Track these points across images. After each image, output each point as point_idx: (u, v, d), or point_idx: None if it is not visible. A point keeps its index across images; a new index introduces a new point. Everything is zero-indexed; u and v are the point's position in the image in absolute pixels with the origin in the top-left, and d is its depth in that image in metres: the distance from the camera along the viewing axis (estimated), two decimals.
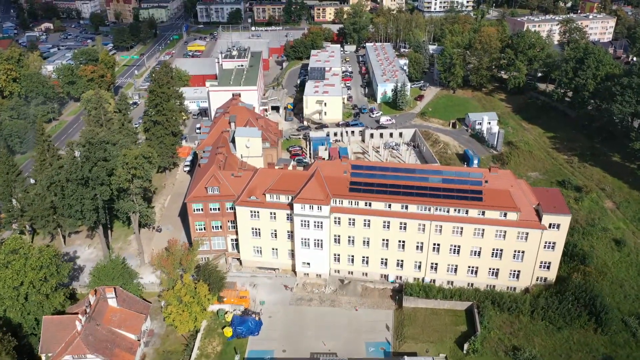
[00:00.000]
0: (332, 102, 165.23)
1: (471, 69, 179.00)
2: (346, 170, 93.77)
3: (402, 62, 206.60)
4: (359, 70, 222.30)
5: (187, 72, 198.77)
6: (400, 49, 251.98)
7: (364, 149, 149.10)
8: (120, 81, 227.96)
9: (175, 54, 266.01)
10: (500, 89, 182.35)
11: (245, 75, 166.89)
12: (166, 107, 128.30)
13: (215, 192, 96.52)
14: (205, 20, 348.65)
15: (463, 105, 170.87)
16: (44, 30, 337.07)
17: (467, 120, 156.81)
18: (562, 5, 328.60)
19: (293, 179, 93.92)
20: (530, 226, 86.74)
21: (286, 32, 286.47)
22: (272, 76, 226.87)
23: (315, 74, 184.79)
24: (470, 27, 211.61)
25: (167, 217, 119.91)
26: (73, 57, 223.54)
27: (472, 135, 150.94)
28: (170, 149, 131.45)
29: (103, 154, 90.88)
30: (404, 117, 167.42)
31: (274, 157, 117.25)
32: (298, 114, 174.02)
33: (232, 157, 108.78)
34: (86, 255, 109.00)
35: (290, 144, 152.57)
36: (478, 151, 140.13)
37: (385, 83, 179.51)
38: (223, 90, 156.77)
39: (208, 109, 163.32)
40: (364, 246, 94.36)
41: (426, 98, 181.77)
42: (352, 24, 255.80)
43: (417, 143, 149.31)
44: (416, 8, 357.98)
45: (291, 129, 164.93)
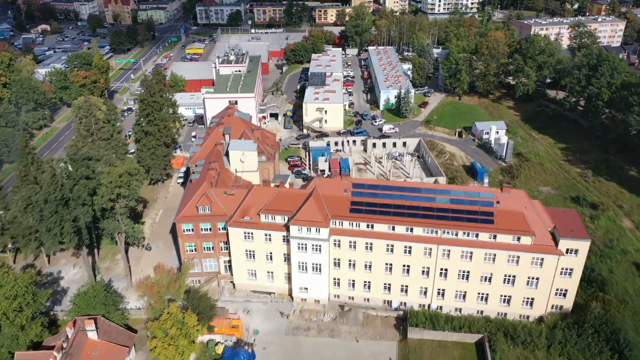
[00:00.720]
0: (332, 110, 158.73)
1: (477, 75, 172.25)
2: (347, 189, 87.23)
3: (406, 67, 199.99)
4: (361, 75, 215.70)
5: (183, 77, 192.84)
6: (404, 53, 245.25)
7: (366, 160, 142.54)
8: (115, 85, 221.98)
9: (173, 57, 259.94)
10: (508, 95, 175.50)
11: (242, 81, 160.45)
12: (158, 116, 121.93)
13: (207, 211, 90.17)
14: (204, 22, 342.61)
15: (469, 113, 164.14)
16: (41, 32, 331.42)
17: (473, 129, 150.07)
18: (569, 7, 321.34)
19: (290, 198, 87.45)
20: (546, 251, 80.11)
21: (287, 35, 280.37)
22: (272, 80, 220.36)
23: (316, 80, 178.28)
24: (477, 30, 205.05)
25: (158, 234, 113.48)
26: (67, 60, 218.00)
27: (480, 145, 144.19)
28: (162, 160, 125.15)
29: (85, 172, 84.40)
30: (408, 126, 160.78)
31: (270, 172, 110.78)
32: (298, 121, 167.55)
33: (225, 172, 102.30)
34: (71, 276, 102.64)
35: (289, 154, 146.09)
36: (486, 163, 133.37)
37: (388, 89, 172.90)
38: (219, 97, 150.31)
39: (204, 116, 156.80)
40: (365, 270, 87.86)
41: (431, 105, 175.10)
42: (354, 27, 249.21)
43: (422, 153, 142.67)
44: (419, 10, 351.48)
45: (290, 138, 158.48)
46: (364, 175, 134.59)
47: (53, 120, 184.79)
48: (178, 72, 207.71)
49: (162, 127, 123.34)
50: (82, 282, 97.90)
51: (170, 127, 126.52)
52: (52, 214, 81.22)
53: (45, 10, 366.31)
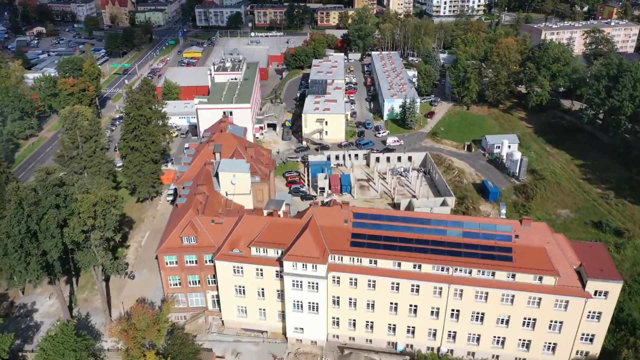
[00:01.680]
0: (334, 121, 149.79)
1: (487, 84, 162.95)
2: (347, 219, 78.31)
3: (411, 74, 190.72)
4: (364, 82, 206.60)
5: (178, 84, 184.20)
6: (408, 58, 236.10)
7: (368, 176, 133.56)
8: (108, 92, 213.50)
9: (169, 62, 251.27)
10: (519, 105, 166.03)
11: (238, 90, 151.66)
12: (145, 131, 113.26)
13: (192, 242, 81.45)
14: (204, 24, 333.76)
15: (478, 124, 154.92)
16: (36, 34, 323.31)
17: (484, 143, 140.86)
18: (579, 10, 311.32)
19: (284, 229, 78.58)
20: (572, 293, 71.07)
21: (287, 38, 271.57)
22: (271, 86, 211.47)
23: (316, 88, 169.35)
24: (485, 35, 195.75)
25: (144, 260, 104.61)
26: (57, 66, 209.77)
27: (490, 160, 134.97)
28: (150, 178, 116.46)
29: (55, 200, 75.60)
30: (413, 138, 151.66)
31: (264, 193, 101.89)
32: (297, 132, 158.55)
33: (215, 195, 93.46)
34: (46, 308, 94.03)
35: (287, 169, 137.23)
36: (498, 181, 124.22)
37: (392, 98, 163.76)
38: (212, 108, 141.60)
39: (197, 127, 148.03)
40: (368, 309, 78.93)
41: (437, 115, 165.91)
42: (357, 31, 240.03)
43: (429, 169, 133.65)
44: (424, 12, 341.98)
45: (289, 150, 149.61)
46: (366, 193, 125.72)
47: (41, 129, 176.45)
48: (173, 78, 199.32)
49: (150, 142, 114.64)
50: (58, 315, 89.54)
51: (159, 141, 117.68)
52: (17, 249, 72.44)
53: (41, 12, 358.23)
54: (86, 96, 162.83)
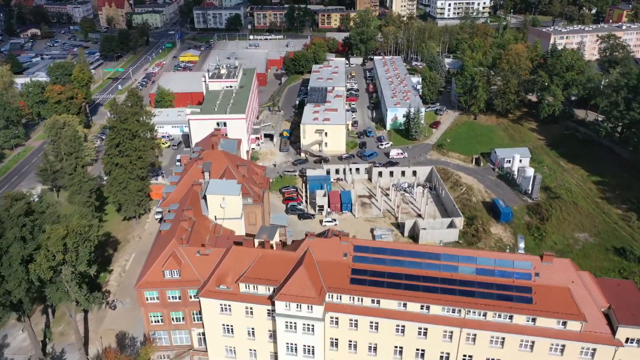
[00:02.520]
0: (334, 132, 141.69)
1: (495, 92, 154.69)
2: (347, 253, 70.28)
3: (415, 81, 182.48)
4: (366, 88, 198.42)
5: (171, 90, 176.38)
6: (412, 62, 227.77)
7: (370, 192, 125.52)
8: (101, 97, 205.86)
9: (165, 66, 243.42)
10: (530, 115, 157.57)
11: (233, 98, 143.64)
12: (130, 146, 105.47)
13: (175, 276, 73.41)
14: (202, 26, 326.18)
15: (486, 135, 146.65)
16: (30, 36, 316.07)
17: (493, 156, 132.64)
18: (587, 12, 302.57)
19: (276, 263, 70.56)
20: (600, 341, 62.94)
21: (287, 42, 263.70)
22: (270, 92, 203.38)
23: (316, 96, 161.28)
24: (493, 40, 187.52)
25: (127, 287, 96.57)
26: (48, 71, 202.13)
27: (500, 176, 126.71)
28: (136, 196, 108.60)
29: (20, 232, 67.68)
30: (418, 150, 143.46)
31: (257, 216, 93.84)
32: (295, 142, 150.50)
33: (202, 219, 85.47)
34: (18, 343, 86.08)
35: (284, 183, 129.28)
36: (509, 199, 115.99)
37: (395, 107, 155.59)
38: (205, 118, 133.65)
39: (189, 139, 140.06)
40: (370, 353, 70.84)
41: (443, 124, 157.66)
42: (359, 34, 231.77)
43: (434, 184, 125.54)
44: (428, 14, 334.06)
45: (286, 163, 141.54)
46: (368, 211, 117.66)
47: (29, 138, 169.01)
48: (167, 84, 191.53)
49: (136, 158, 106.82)
50: (30, 351, 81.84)
51: (146, 157, 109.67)
52: None
53: (37, 13, 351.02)
54: (74, 104, 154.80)
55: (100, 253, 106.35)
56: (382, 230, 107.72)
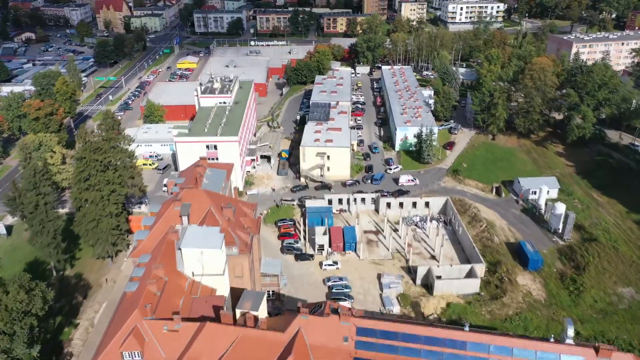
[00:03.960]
0: (337, 155, 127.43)
1: (517, 110, 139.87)
2: (348, 337, 56.18)
3: (426, 94, 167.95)
4: (373, 101, 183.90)
5: (161, 104, 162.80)
6: (423, 72, 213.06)
7: (377, 227, 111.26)
8: (90, 109, 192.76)
9: (160, 74, 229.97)
10: (555, 136, 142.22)
11: (226, 117, 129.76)
12: (102, 179, 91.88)
13: (137, 358, 59.53)
14: (202, 30, 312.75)
15: (507, 159, 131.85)
16: (25, 40, 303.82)
17: (516, 186, 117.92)
18: (607, 16, 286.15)
19: (259, 348, 56.62)
20: None
21: (290, 48, 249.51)
22: (270, 103, 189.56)
23: (318, 113, 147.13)
24: (512, 51, 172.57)
25: (94, 347, 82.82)
26: (33, 81, 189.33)
27: (525, 210, 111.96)
28: (109, 235, 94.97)
29: None
30: (431, 175, 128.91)
31: (244, 268, 79.85)
32: (295, 164, 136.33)
33: (176, 277, 71.52)
34: None
35: (281, 215, 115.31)
36: (536, 239, 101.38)
37: (405, 126, 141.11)
38: (193, 141, 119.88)
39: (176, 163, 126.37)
40: None
41: (458, 145, 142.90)
42: (366, 42, 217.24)
43: (450, 218, 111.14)
44: (439, 18, 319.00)
45: (284, 189, 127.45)
46: (375, 251, 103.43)
47: (7, 156, 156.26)
48: (159, 96, 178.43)
49: (109, 192, 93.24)
50: None
51: (121, 190, 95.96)
52: None
53: (33, 17, 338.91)
54: (54, 121, 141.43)
55: (67, 299, 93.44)
56: (391, 278, 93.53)
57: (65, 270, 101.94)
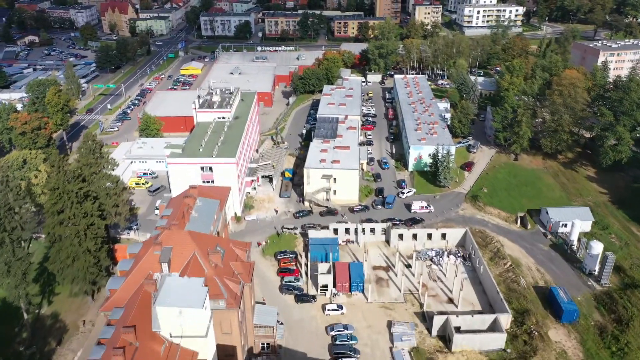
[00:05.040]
0: (344, 178, 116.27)
1: (542, 126, 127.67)
2: None
3: (442, 107, 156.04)
4: (385, 112, 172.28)
5: (158, 116, 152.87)
6: (438, 81, 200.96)
7: (387, 262, 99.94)
8: (87, 119, 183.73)
9: (162, 82, 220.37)
10: (586, 157, 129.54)
11: (224, 135, 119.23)
12: (79, 212, 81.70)
13: None
14: (209, 33, 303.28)
15: (532, 183, 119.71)
16: (28, 44, 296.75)
17: (544, 216, 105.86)
18: (634, 21, 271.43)
19: None
20: None
21: (298, 54, 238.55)
22: (276, 114, 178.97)
23: (324, 129, 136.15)
24: (535, 61, 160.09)
25: None
26: (27, 89, 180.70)
27: (555, 245, 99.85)
28: (87, 273, 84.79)
29: None
30: (447, 201, 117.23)
31: (232, 324, 69.07)
32: (299, 184, 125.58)
33: (150, 340, 60.87)
34: None
35: (281, 247, 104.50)
36: (569, 282, 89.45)
37: (420, 144, 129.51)
38: (187, 163, 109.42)
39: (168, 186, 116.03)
40: None
41: (477, 165, 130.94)
42: (378, 48, 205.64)
43: (469, 253, 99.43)
44: (454, 22, 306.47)
45: (286, 214, 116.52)
46: (384, 292, 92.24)
47: None
48: (159, 106, 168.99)
49: (87, 225, 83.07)
50: None
51: (100, 223, 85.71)
52: None
53: (38, 19, 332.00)
54: (41, 136, 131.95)
55: (40, 345, 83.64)
56: (403, 327, 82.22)
57: (42, 308, 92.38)
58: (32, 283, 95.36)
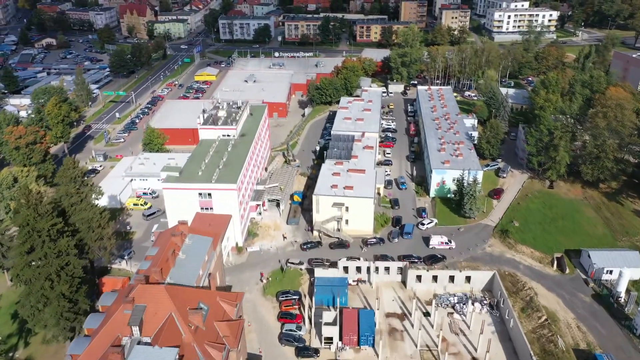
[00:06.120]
0: (358, 207, 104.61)
1: (582, 151, 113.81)
2: None
3: (469, 124, 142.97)
4: (406, 128, 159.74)
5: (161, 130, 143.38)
6: (464, 92, 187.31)
7: (403, 308, 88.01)
8: (95, 128, 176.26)
9: (173, 90, 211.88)
10: (632, 187, 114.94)
11: (227, 155, 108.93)
12: (51, 251, 72.23)
13: None
14: (227, 37, 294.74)
15: (570, 216, 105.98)
16: (45, 46, 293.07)
17: (584, 259, 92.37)
18: None
19: None
20: None
21: (317, 60, 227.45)
22: (290, 125, 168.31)
23: (338, 149, 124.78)
24: (573, 74, 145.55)
25: None
26: (32, 97, 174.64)
27: (597, 296, 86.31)
28: (63, 319, 75.28)
29: None
30: (472, 235, 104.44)
31: None
32: (309, 209, 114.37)
33: None
34: None
35: (284, 284, 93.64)
36: (616, 344, 76.09)
37: (443, 168, 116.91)
38: (183, 188, 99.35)
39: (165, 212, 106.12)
40: None
41: (508, 193, 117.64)
42: (401, 57, 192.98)
43: (498, 301, 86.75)
44: (483, 27, 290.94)
45: (292, 245, 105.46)
46: (398, 346, 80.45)
47: None
48: (167, 116, 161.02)
49: (59, 267, 73.50)
50: None
51: (77, 263, 76.06)
52: None
53: (57, 20, 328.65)
54: (36, 151, 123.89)
55: None
56: None
57: (16, 351, 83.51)
58: (10, 320, 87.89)
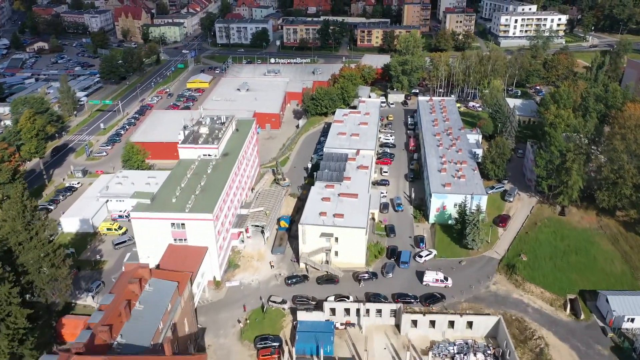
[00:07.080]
0: (348, 238, 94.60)
1: (597, 175, 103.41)
2: None
3: (473, 140, 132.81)
4: (406, 142, 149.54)
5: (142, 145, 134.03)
6: (468, 102, 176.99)
7: (395, 358, 77.87)
8: (77, 140, 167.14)
9: (164, 96, 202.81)
10: None
11: (205, 179, 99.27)
12: None
13: None
14: (224, 41, 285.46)
15: (584, 250, 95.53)
16: (37, 50, 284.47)
17: (601, 303, 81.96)
18: None
19: None
20: None
21: (314, 67, 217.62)
22: (283, 138, 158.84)
23: (329, 170, 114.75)
24: (585, 86, 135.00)
25: None
26: (11, 107, 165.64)
27: (618, 348, 75.91)
28: None
29: None
30: (475, 269, 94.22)
31: None
32: (297, 236, 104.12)
33: None
34: None
35: (264, 327, 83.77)
36: None
37: (444, 192, 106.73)
38: (154, 218, 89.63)
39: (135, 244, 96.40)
40: None
41: (515, 220, 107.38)
42: (401, 64, 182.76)
43: (504, 351, 76.55)
44: (488, 31, 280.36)
45: (276, 279, 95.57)
46: None
47: None
48: (153, 129, 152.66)
49: (1, 317, 63.99)
50: None
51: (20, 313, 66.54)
52: None
53: (51, 23, 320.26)
54: (4, 170, 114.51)
55: None
56: None
57: None
58: None
